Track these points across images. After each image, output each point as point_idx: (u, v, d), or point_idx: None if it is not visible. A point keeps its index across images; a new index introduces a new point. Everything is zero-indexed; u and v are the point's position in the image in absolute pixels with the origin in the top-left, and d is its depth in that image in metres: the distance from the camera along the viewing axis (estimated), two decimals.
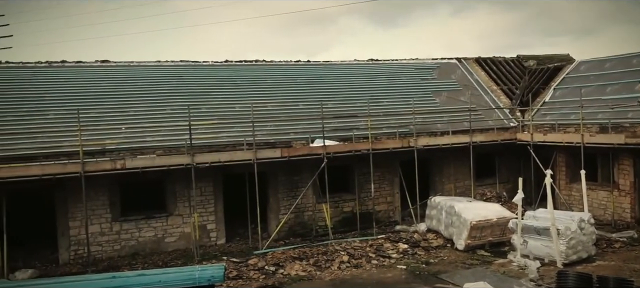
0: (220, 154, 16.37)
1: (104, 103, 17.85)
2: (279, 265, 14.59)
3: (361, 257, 15.22)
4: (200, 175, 16.32)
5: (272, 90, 20.50)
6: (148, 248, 16.50)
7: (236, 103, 19.05)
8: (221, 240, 17.34)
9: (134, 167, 15.29)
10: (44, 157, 15.31)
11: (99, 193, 15.95)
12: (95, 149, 15.84)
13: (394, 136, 19.01)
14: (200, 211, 16.79)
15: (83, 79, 19.05)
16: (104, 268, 14.91)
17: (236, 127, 17.77)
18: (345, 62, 24.20)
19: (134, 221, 16.47)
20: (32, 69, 19.14)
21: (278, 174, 17.94)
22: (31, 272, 14.74)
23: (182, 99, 18.58)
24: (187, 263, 15.17)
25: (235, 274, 13.93)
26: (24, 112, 16.78)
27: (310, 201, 18.30)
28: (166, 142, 16.81)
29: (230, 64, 22.13)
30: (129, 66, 20.52)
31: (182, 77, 20.27)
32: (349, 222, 18.51)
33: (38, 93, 17.77)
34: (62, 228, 15.83)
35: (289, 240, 17.52)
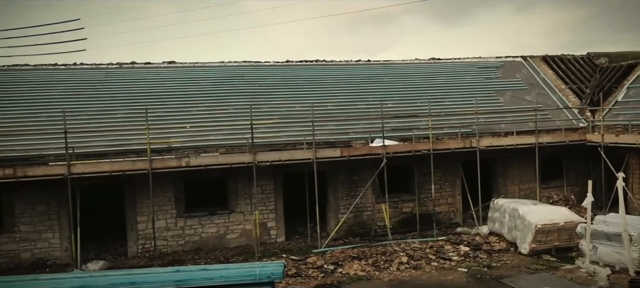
0: (281, 153, 16.58)
1: (170, 102, 18.49)
2: (338, 264, 14.62)
3: (421, 258, 15.03)
4: (261, 173, 16.60)
5: (332, 89, 20.57)
6: (210, 244, 16.95)
7: (296, 102, 19.24)
8: (281, 238, 17.57)
9: (198, 165, 15.75)
10: (114, 154, 16.05)
11: (165, 189, 16.53)
12: (161, 147, 16.43)
13: (455, 136, 18.64)
14: (260, 209, 17.09)
15: (151, 79, 19.82)
16: (169, 262, 15.44)
17: (296, 126, 17.95)
18: (406, 61, 23.94)
19: (197, 217, 16.97)
20: (104, 70, 20.09)
21: (337, 174, 17.99)
22: (102, 264, 15.48)
23: (244, 98, 18.97)
24: (247, 259, 15.48)
25: (294, 272, 14.08)
26: (96, 111, 17.63)
27: (369, 201, 18.23)
28: (228, 141, 17.22)
29: (291, 64, 22.38)
30: (194, 67, 21.16)
31: (244, 77, 20.69)
32: (408, 222, 18.31)
33: (110, 93, 18.64)
34: (131, 222, 16.53)
35: (348, 239, 17.53)
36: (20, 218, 15.68)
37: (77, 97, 18.17)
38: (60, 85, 18.77)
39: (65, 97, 18.00)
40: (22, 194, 15.51)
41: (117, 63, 20.73)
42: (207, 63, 21.56)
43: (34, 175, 14.71)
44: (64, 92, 18.32)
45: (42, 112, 17.16)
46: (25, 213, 15.70)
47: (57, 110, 16.21)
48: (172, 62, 21.43)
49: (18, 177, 14.51)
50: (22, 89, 18.35)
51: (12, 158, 15.43)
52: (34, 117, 17.02)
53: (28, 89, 18.33)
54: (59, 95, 18.09)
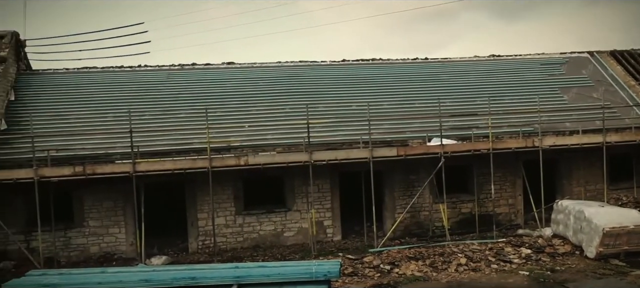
0: (337, 152, 16.63)
1: (229, 102, 18.92)
2: (394, 264, 14.52)
3: (480, 260, 14.70)
4: (318, 172, 16.71)
5: (389, 88, 20.43)
6: (268, 241, 17.22)
7: (353, 102, 19.24)
8: (337, 237, 17.63)
9: (256, 164, 16.03)
10: (176, 153, 16.58)
11: (225, 187, 16.93)
12: (221, 146, 16.83)
13: (516, 135, 18.11)
14: (317, 207, 17.20)
15: (211, 80, 20.34)
16: (228, 259, 15.80)
17: (352, 125, 17.95)
18: (465, 58, 23.46)
19: (255, 215, 17.28)
20: (166, 72, 20.79)
21: (394, 173, 17.86)
22: (165, 259, 16.03)
23: (301, 97, 19.14)
24: (304, 257, 15.61)
25: (350, 271, 14.09)
26: (159, 111, 18.27)
27: (426, 201, 18.00)
28: (285, 140, 17.43)
29: (347, 63, 22.40)
30: (252, 67, 21.55)
31: (301, 76, 20.88)
32: (467, 223, 17.95)
33: (172, 94, 19.27)
34: (192, 219, 17.03)
35: (405, 239, 17.37)
36: (89, 214, 16.47)
37: (142, 98, 18.89)
38: (125, 86, 19.58)
39: (130, 97, 18.75)
40: (91, 191, 16.29)
41: (179, 64, 21.39)
42: (265, 63, 21.90)
43: (102, 173, 15.42)
44: (129, 93, 19.09)
45: (109, 113, 17.95)
46: (94, 209, 16.48)
47: (123, 110, 16.91)
48: (231, 63, 21.91)
49: (87, 174, 15.25)
50: (91, 90, 19.26)
51: (82, 156, 16.24)
52: (101, 117, 17.83)
53: (96, 90, 19.23)
54: (125, 96, 18.86)
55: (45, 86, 19.41)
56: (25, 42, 20.19)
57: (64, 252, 16.26)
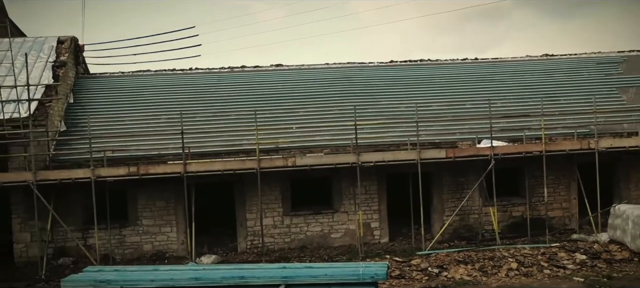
0: (385, 154, 16.55)
1: (278, 104, 19.13)
2: (443, 267, 14.32)
3: (532, 265, 14.30)
4: (365, 173, 16.67)
5: (437, 89, 20.18)
6: (315, 242, 17.30)
7: (401, 103, 19.10)
8: (384, 239, 17.54)
9: (304, 165, 16.15)
10: (226, 154, 16.90)
11: (273, 188, 17.13)
12: (269, 147, 17.05)
13: (571, 137, 17.53)
14: (364, 209, 17.16)
15: (260, 82, 20.62)
16: (276, 259, 15.97)
17: (400, 127, 17.82)
18: (516, 58, 22.89)
19: (302, 216, 17.40)
20: (217, 74, 21.23)
21: (443, 175, 17.61)
22: (214, 258, 16.36)
23: (349, 99, 19.15)
24: (351, 259, 15.61)
25: (397, 273, 13.99)
26: (210, 113, 18.67)
27: (476, 203, 17.66)
28: (333, 141, 17.48)
29: (395, 64, 22.26)
30: (300, 69, 21.71)
31: (349, 78, 20.89)
32: (518, 227, 17.50)
33: (222, 96, 19.66)
34: (241, 219, 17.31)
35: (454, 242, 17.10)
36: (143, 213, 17.00)
37: (193, 100, 19.35)
38: (177, 89, 20.11)
39: (182, 100, 19.24)
40: (145, 190, 16.81)
41: (229, 67, 21.80)
42: (313, 65, 22.02)
43: (155, 173, 15.90)
44: (181, 96, 19.60)
45: (162, 115, 18.48)
46: (147, 209, 16.99)
47: (175, 112, 17.37)
48: (279, 65, 22.15)
49: (141, 174, 15.76)
50: (145, 93, 19.89)
51: (136, 157, 16.79)
52: (155, 119, 18.37)
53: (150, 93, 19.83)
54: (177, 99, 19.37)
55: (102, 89, 20.17)
56: (84, 47, 21.04)
57: (119, 250, 16.84)
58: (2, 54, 17.54)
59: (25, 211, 16.32)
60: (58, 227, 16.15)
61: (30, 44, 19.89)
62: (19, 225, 16.50)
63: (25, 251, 16.50)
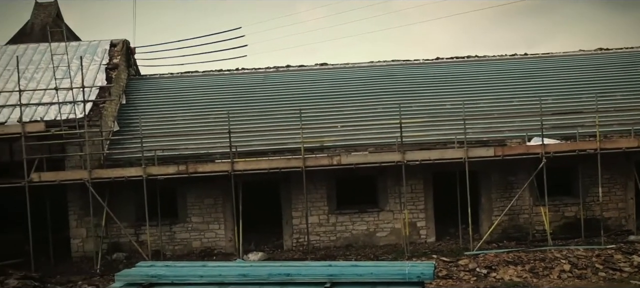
0: (430, 152, 16.36)
1: (322, 103, 19.18)
2: (491, 268, 14.03)
3: (586, 267, 13.82)
4: (411, 172, 16.52)
5: (485, 86, 19.76)
6: (360, 241, 17.27)
7: (447, 100, 18.82)
8: (431, 238, 17.33)
9: (348, 163, 16.15)
10: (271, 153, 17.10)
11: (318, 186, 17.19)
12: (314, 146, 17.12)
13: (628, 134, 16.83)
14: (410, 208, 17.00)
15: (304, 81, 20.74)
16: (321, 257, 16.03)
17: (447, 124, 17.56)
18: (569, 53, 22.13)
19: (348, 214, 17.40)
20: (262, 74, 21.48)
21: (491, 174, 17.25)
22: (261, 255, 16.57)
23: (393, 97, 19.00)
24: (397, 258, 15.51)
25: (445, 273, 13.81)
26: (256, 112, 18.91)
27: (526, 203, 17.21)
28: (378, 140, 17.40)
29: (441, 61, 21.93)
30: (345, 68, 21.69)
31: (394, 76, 20.74)
32: (571, 228, 16.95)
33: (267, 95, 19.88)
34: (287, 217, 17.46)
35: (503, 243, 16.73)
36: (192, 210, 17.40)
37: (239, 100, 19.66)
38: (224, 89, 20.47)
39: (229, 100, 19.57)
40: (193, 189, 17.20)
41: (274, 67, 22.02)
42: (357, 63, 21.97)
43: (203, 172, 16.25)
44: (228, 96, 19.94)
45: (210, 114, 18.84)
46: (196, 206, 17.38)
47: (222, 112, 17.67)
48: (324, 64, 22.21)
49: (190, 172, 16.13)
50: (193, 93, 20.33)
51: (185, 156, 17.20)
52: (203, 118, 18.76)
53: (198, 94, 20.26)
54: (224, 99, 19.72)
55: (153, 90, 20.75)
56: (135, 49, 21.71)
57: (169, 246, 17.29)
58: (58, 58, 18.29)
59: (81, 208, 16.99)
60: (112, 223, 16.73)
61: (85, 47, 20.66)
62: (75, 221, 17.19)
63: (81, 246, 17.17)
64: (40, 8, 25.71)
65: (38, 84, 18.52)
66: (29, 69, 19.26)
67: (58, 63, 18.33)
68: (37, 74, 19.24)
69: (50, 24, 22.45)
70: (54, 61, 18.03)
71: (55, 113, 17.24)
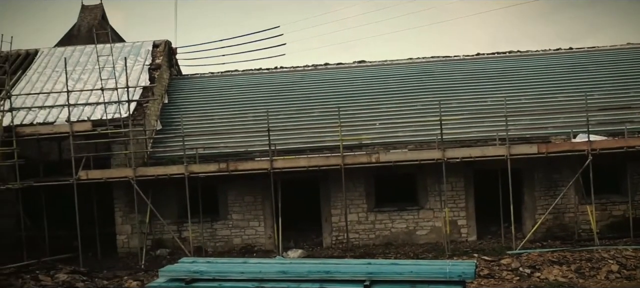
0: (471, 149, 16.12)
1: (361, 100, 19.14)
2: (535, 268, 13.72)
3: (635, 268, 13.34)
4: (451, 170, 16.31)
5: (528, 82, 19.32)
6: (400, 239, 17.16)
7: (488, 97, 18.49)
8: (472, 237, 17.07)
9: (387, 161, 16.06)
10: (310, 151, 17.17)
11: (356, 184, 17.17)
12: (353, 144, 17.10)
13: None
14: (450, 206, 16.79)
15: (343, 79, 20.73)
16: (360, 255, 16.01)
17: (488, 121, 17.26)
18: (616, 47, 21.40)
19: (387, 212, 17.31)
20: (301, 73, 21.59)
21: (534, 171, 16.86)
22: (300, 252, 16.67)
23: (433, 94, 18.80)
24: (437, 257, 15.34)
25: (486, 273, 13.58)
26: (295, 110, 19.03)
27: (571, 202, 16.75)
28: (417, 137, 17.24)
29: (481, 57, 21.56)
30: (383, 65, 21.59)
31: (433, 72, 20.51)
32: (619, 227, 16.40)
33: (306, 94, 19.98)
34: (326, 215, 17.51)
35: (547, 242, 16.33)
36: (232, 208, 17.65)
37: (278, 98, 19.81)
38: (263, 87, 20.67)
39: (268, 98, 19.75)
40: (234, 186, 17.44)
41: (312, 65, 22.09)
42: (396, 61, 21.82)
43: (243, 169, 16.46)
44: (267, 94, 20.12)
45: (249, 113, 19.07)
46: (236, 204, 17.62)
47: (262, 110, 17.86)
48: (362, 61, 22.15)
49: (230, 170, 16.37)
50: (233, 92, 20.62)
51: (225, 154, 17.46)
52: (242, 117, 19.00)
53: (237, 92, 20.54)
54: (263, 97, 19.91)
55: (194, 89, 21.14)
56: (176, 49, 22.16)
57: (211, 243, 17.59)
58: (104, 59, 18.85)
59: (126, 205, 17.47)
60: (155, 220, 17.13)
61: (129, 48, 21.23)
62: (120, 218, 17.69)
63: (126, 242, 17.66)
64: (87, 11, 26.55)
65: (85, 85, 19.14)
66: (76, 70, 19.93)
67: (103, 64, 18.89)
68: (84, 74, 19.89)
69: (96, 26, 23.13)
70: (100, 62, 18.60)
71: (101, 113, 17.80)
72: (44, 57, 21.15)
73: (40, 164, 18.76)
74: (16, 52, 20.82)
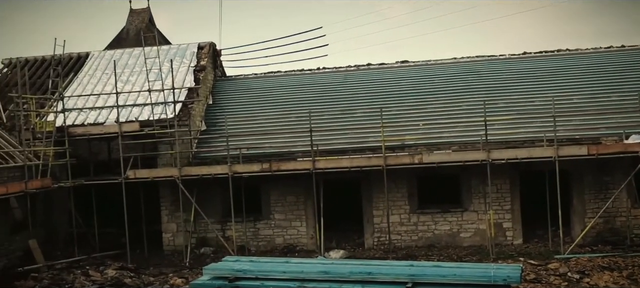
0: (518, 151, 15.75)
1: (404, 101, 18.98)
2: (584, 273, 13.29)
3: None
4: (496, 171, 15.98)
5: (577, 81, 18.72)
6: (443, 241, 16.93)
7: (535, 97, 18.02)
8: (517, 240, 16.67)
9: (431, 162, 15.88)
10: (352, 151, 17.13)
11: (399, 185, 17.04)
12: (395, 144, 16.98)
13: None
14: (495, 208, 16.45)
15: (385, 79, 20.61)
16: (403, 256, 15.87)
17: (535, 122, 16.82)
18: None
19: (430, 214, 17.10)
20: (343, 73, 21.58)
21: (584, 174, 16.32)
22: (342, 253, 16.66)
23: (478, 94, 18.46)
24: (481, 260, 15.06)
25: (532, 277, 13.23)
26: (337, 111, 19.04)
27: (623, 205, 16.13)
28: (462, 138, 16.97)
29: (528, 56, 21.03)
30: (426, 65, 21.35)
31: (478, 72, 20.14)
32: None
33: (348, 94, 19.95)
34: (367, 216, 17.44)
35: (596, 247, 15.77)
36: (275, 208, 17.81)
37: (321, 99, 19.87)
38: (306, 88, 20.77)
39: (310, 99, 19.84)
40: (276, 186, 17.59)
41: (355, 65, 22.05)
42: (439, 60, 21.54)
43: (286, 169, 16.59)
44: (309, 95, 20.22)
45: (292, 113, 19.19)
46: (279, 203, 17.77)
47: (304, 111, 17.95)
48: (405, 61, 21.96)
49: (273, 170, 16.52)
50: (276, 93, 20.80)
51: (268, 154, 17.62)
52: (285, 117, 19.14)
53: (280, 93, 20.70)
54: (305, 97, 20.01)
55: (237, 90, 21.45)
56: (221, 51, 22.54)
57: (253, 242, 17.80)
58: (151, 61, 19.36)
59: (172, 203, 17.88)
60: (200, 219, 17.47)
61: (175, 50, 21.72)
62: (166, 216, 18.12)
63: (172, 240, 18.07)
64: (135, 14, 27.31)
65: (133, 86, 19.69)
66: (124, 72, 20.53)
67: (151, 66, 19.40)
68: (132, 76, 20.46)
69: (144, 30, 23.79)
70: (147, 64, 19.10)
71: (148, 113, 18.28)
72: (94, 59, 21.88)
73: (91, 163, 19.45)
74: (68, 55, 21.63)
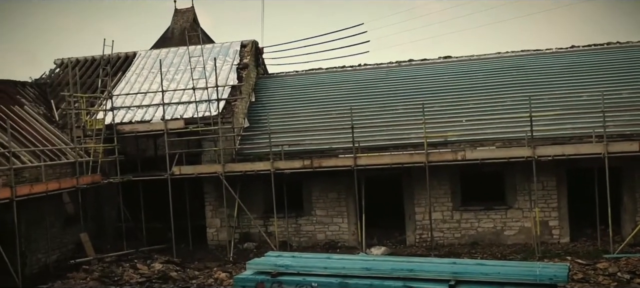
0: (564, 147, 15.35)
1: (446, 97, 18.75)
2: (635, 273, 12.88)
3: None
4: (542, 168, 15.62)
5: (628, 75, 18.04)
6: (487, 239, 16.68)
7: (583, 91, 17.50)
8: (564, 239, 16.26)
9: (474, 159, 15.66)
10: (394, 148, 17.06)
11: (441, 182, 16.87)
12: (437, 141, 16.81)
13: None
14: (541, 206, 16.09)
15: (427, 75, 20.41)
16: (445, 254, 15.74)
17: (583, 117, 16.34)
18: None
19: (473, 211, 16.88)
20: (384, 69, 21.49)
21: (635, 171, 15.77)
22: (384, 249, 16.64)
23: (522, 89, 18.07)
24: (526, 258, 14.77)
25: (580, 277, 12.91)
26: (379, 107, 18.98)
27: None
28: (505, 134, 16.65)
29: (575, 50, 20.41)
30: (469, 60, 21.01)
31: (523, 67, 19.69)
32: None
33: (390, 90, 19.86)
34: (409, 212, 17.35)
35: None
36: (316, 204, 17.93)
37: (362, 95, 19.85)
38: (347, 85, 20.78)
39: (351, 95, 19.85)
40: (318, 182, 17.71)
41: (396, 62, 21.92)
42: (482, 55, 21.17)
43: (327, 166, 16.68)
44: (350, 91, 20.23)
45: (333, 110, 19.24)
46: (320, 200, 17.88)
47: (345, 107, 17.98)
48: (447, 57, 21.69)
49: (314, 167, 16.64)
50: (317, 90, 20.90)
51: (310, 151, 17.75)
52: (326, 114, 19.21)
53: (321, 90, 20.80)
54: (347, 94, 20.03)
55: (279, 88, 21.66)
56: (263, 49, 22.81)
57: (295, 237, 17.98)
58: (195, 60, 19.78)
59: (215, 199, 18.25)
60: (243, 215, 17.77)
61: (218, 49, 22.10)
62: (210, 212, 18.51)
63: (215, 235, 18.45)
64: (179, 14, 27.96)
65: (178, 85, 20.17)
66: (170, 71, 21.04)
67: (195, 64, 19.81)
68: (177, 75, 20.95)
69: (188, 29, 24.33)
70: (191, 63, 19.52)
71: (192, 111, 18.69)
72: (141, 59, 22.51)
73: (138, 160, 20.06)
74: (116, 55, 22.32)
